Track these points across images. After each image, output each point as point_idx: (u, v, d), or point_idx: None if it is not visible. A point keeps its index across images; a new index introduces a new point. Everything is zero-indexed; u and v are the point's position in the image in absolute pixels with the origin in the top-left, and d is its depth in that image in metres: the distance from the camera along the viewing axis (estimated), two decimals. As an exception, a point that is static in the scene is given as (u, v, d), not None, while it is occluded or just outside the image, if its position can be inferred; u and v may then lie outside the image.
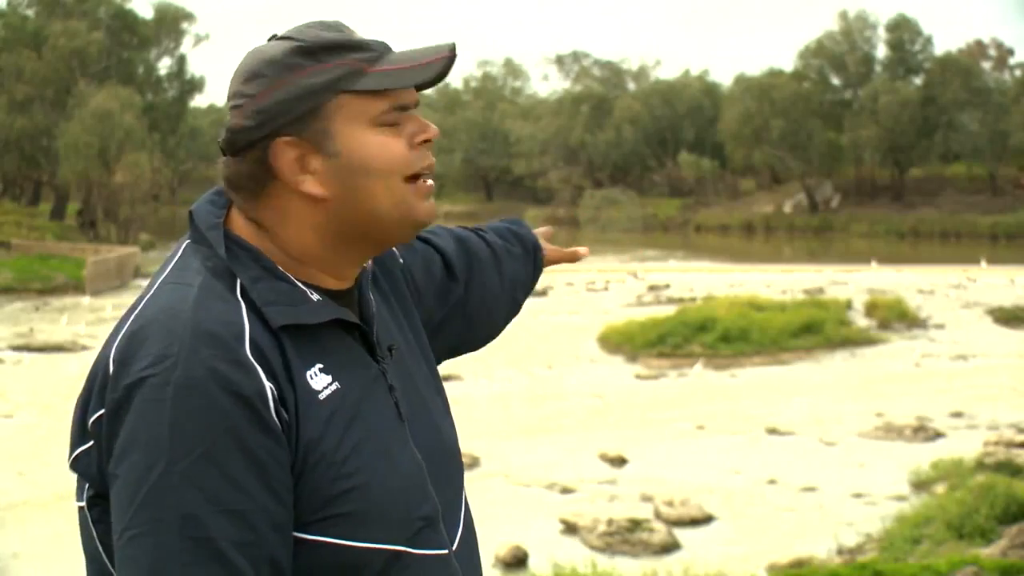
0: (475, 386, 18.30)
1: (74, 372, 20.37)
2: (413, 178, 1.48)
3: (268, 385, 1.36)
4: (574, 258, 2.19)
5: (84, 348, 23.16)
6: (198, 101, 65.45)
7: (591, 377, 20.23)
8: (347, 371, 1.45)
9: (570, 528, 11.44)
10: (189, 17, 55.90)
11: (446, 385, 1.73)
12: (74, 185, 48.60)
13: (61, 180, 48.79)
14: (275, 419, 1.36)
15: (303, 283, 1.47)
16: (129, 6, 53.27)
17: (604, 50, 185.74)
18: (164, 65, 56.27)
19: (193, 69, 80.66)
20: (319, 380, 1.42)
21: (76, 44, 48.40)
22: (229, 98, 1.49)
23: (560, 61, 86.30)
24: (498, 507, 11.65)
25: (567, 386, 19.32)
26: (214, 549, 1.31)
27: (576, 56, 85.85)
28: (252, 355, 1.36)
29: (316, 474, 1.38)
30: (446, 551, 1.49)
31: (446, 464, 1.56)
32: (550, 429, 15.88)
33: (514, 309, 2.00)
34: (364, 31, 1.54)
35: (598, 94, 76.79)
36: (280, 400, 1.37)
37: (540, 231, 2.15)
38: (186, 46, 55.98)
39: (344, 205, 1.46)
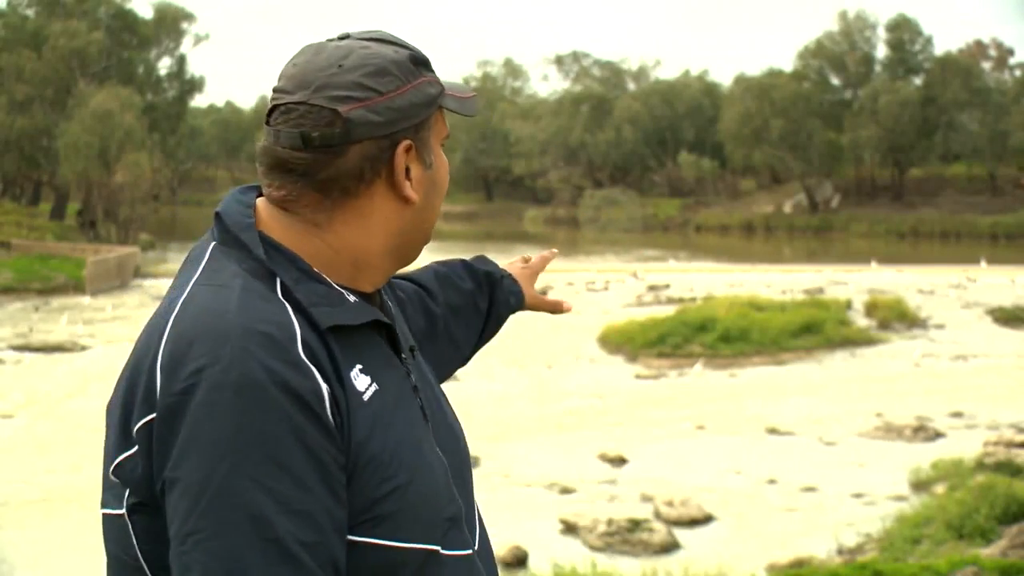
0: (475, 386, 18.29)
1: (74, 372, 20.37)
2: None
3: (324, 386, 1.35)
4: (557, 309, 2.13)
5: (84, 348, 23.16)
6: (198, 101, 65.50)
7: (591, 377, 20.23)
8: (382, 371, 1.46)
9: (570, 528, 11.44)
10: (189, 17, 55.91)
11: (445, 385, 1.74)
12: (74, 185, 48.59)
13: (61, 180, 48.79)
14: (331, 420, 1.35)
15: (339, 285, 1.47)
16: (129, 6, 53.27)
17: (604, 50, 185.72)
18: (164, 65, 56.31)
19: (193, 69, 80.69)
20: (361, 381, 1.42)
21: (76, 44, 48.39)
22: (334, 87, 1.43)
23: (560, 61, 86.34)
24: (498, 507, 11.65)
25: (567, 386, 19.32)
26: (284, 550, 1.30)
27: (576, 56, 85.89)
28: (305, 356, 1.35)
29: (365, 475, 1.37)
30: (470, 551, 1.50)
31: (463, 466, 1.57)
32: (550, 429, 15.88)
33: (451, 346, 1.97)
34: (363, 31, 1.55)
35: (598, 94, 76.81)
36: (333, 401, 1.36)
37: (532, 261, 2.15)
38: (186, 46, 56.03)
39: (420, 215, 1.51)
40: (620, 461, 14.08)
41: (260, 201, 1.50)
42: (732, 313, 23.58)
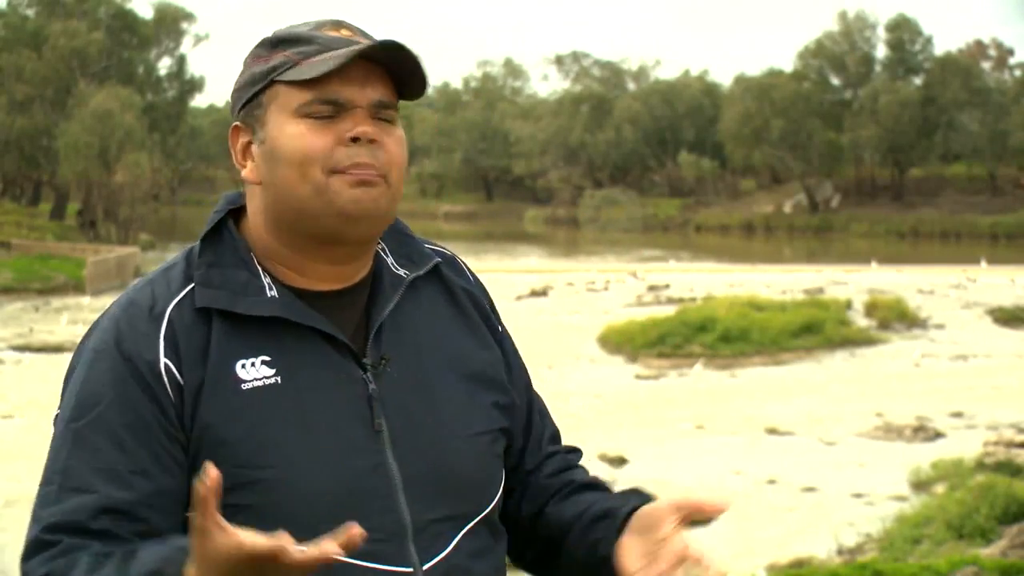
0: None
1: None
2: (341, 172, 1.46)
3: (164, 361, 1.43)
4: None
5: (84, 348, 23.17)
6: (198, 101, 65.64)
7: (591, 377, 20.22)
8: (302, 371, 1.46)
9: (570, 528, 11.42)
10: (189, 17, 55.92)
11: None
12: (74, 185, 48.59)
13: (61, 180, 48.80)
14: (167, 393, 1.42)
15: (279, 280, 1.50)
16: (129, 6, 53.29)
17: (604, 50, 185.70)
18: (164, 65, 56.33)
19: (193, 69, 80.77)
20: (253, 371, 1.44)
21: (76, 44, 48.40)
22: None
23: (560, 61, 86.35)
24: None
25: (567, 386, 19.30)
26: (83, 504, 1.39)
27: (576, 56, 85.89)
28: (164, 330, 1.44)
29: (215, 457, 1.35)
30: (408, 569, 1.46)
31: (444, 485, 1.51)
32: (550, 429, 15.86)
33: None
34: (355, 24, 1.56)
35: (598, 94, 76.81)
36: (178, 377, 1.43)
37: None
38: (186, 46, 56.06)
39: (270, 192, 1.50)
40: (620, 461, 14.07)
41: None
42: (732, 313, 23.57)
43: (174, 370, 1.42)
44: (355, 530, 1.23)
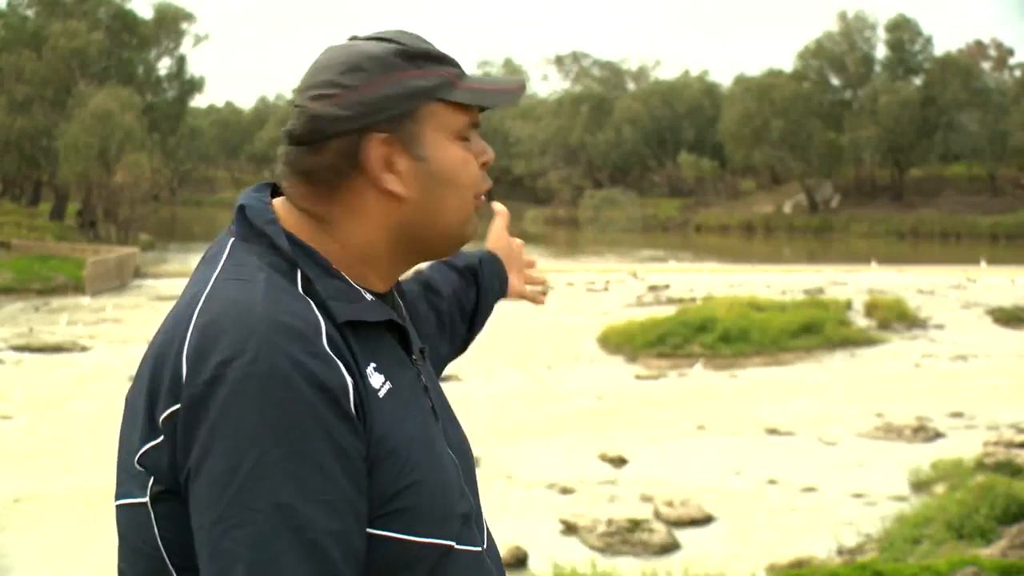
0: (475, 386, 18.29)
1: (74, 373, 20.37)
2: (478, 197, 1.54)
3: (348, 379, 1.38)
4: (534, 301, 2.24)
5: (84, 348, 23.15)
6: (198, 101, 65.53)
7: (591, 377, 20.23)
8: (395, 371, 1.48)
9: (570, 528, 11.43)
10: (189, 17, 55.89)
11: (446, 385, 1.76)
12: (74, 185, 48.59)
13: (61, 180, 48.78)
14: (354, 412, 1.38)
15: (358, 284, 1.51)
16: (129, 6, 53.27)
17: (604, 50, 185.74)
18: (164, 65, 56.29)
19: (193, 69, 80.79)
20: (376, 378, 1.44)
21: (76, 44, 48.40)
22: (314, 87, 1.49)
23: (560, 61, 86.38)
24: (498, 507, 11.65)
25: (567, 386, 19.31)
26: (310, 539, 1.32)
27: (576, 56, 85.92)
28: (331, 349, 1.38)
29: (384, 468, 1.39)
30: (480, 548, 1.53)
31: (470, 464, 1.60)
32: (550, 429, 15.87)
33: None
34: (361, 32, 1.56)
35: (598, 94, 76.83)
36: (357, 394, 1.39)
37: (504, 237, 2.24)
38: (186, 46, 56.00)
39: (419, 209, 1.50)
40: (620, 461, 14.08)
41: (277, 200, 1.54)
42: (732, 313, 23.58)
43: (354, 387, 1.39)
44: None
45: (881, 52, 66.68)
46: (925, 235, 57.58)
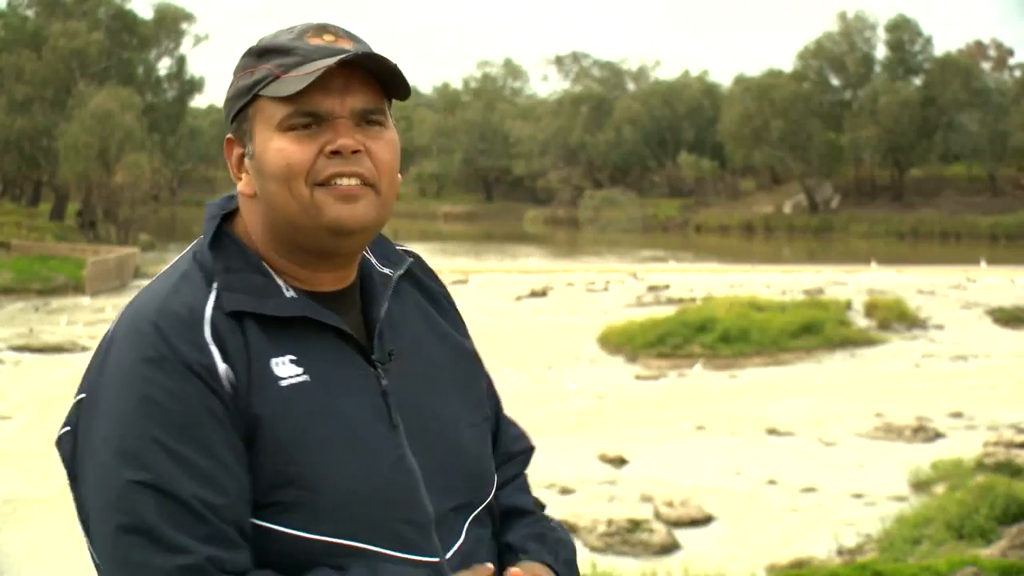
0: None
1: (74, 373, 20.37)
2: (325, 184, 1.48)
3: (222, 365, 1.43)
4: None
5: (84, 349, 23.13)
6: (198, 101, 65.48)
7: (591, 377, 20.22)
8: (324, 367, 1.49)
9: (570, 528, 11.42)
10: (189, 17, 55.89)
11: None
12: (74, 185, 48.58)
13: (61, 180, 48.78)
14: (229, 394, 1.43)
15: (288, 283, 1.52)
16: (129, 6, 53.27)
17: (604, 50, 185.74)
18: (164, 65, 56.30)
19: (193, 69, 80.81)
20: (285, 369, 1.47)
21: (76, 44, 48.39)
22: None
23: (560, 62, 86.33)
24: (498, 507, 11.63)
25: (567, 386, 19.30)
26: (190, 509, 1.38)
27: (576, 56, 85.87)
28: (211, 336, 1.44)
29: (265, 453, 1.43)
30: (436, 559, 1.50)
31: (457, 475, 1.57)
32: (550, 429, 15.86)
33: None
34: (363, 32, 1.56)
35: (598, 94, 76.81)
36: (233, 378, 1.44)
37: None
38: (186, 46, 56.00)
39: (264, 205, 1.51)
40: (620, 461, 14.07)
41: None
42: (732, 313, 23.57)
43: (230, 371, 1.44)
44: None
45: (881, 52, 66.68)
46: (925, 235, 57.56)
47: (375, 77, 1.50)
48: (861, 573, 7.68)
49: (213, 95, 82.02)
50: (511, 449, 1.76)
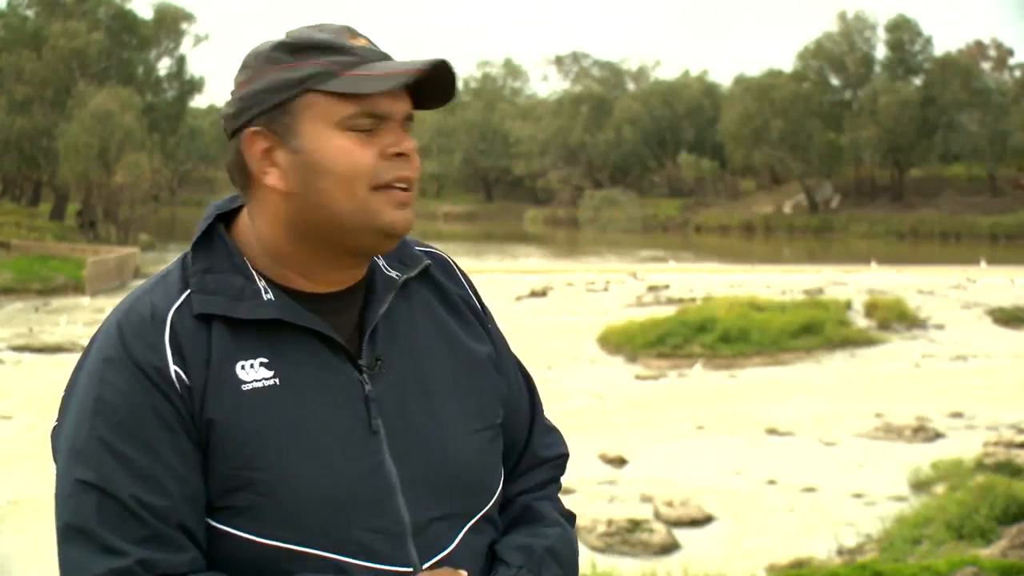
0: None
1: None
2: (384, 187, 1.48)
3: (173, 367, 1.44)
4: None
5: (83, 349, 23.15)
6: (198, 101, 65.52)
7: (591, 377, 20.22)
8: (299, 372, 1.47)
9: (570, 528, 11.42)
10: (189, 17, 55.91)
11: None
12: (74, 185, 48.58)
13: (61, 180, 48.79)
14: (180, 396, 1.43)
15: (275, 283, 1.50)
16: (129, 6, 53.28)
17: (604, 50, 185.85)
18: (164, 65, 56.31)
19: (193, 69, 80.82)
20: (252, 372, 1.46)
21: (76, 44, 48.39)
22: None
23: (560, 62, 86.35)
24: (498, 507, 11.62)
25: (567, 386, 19.30)
26: (128, 510, 1.39)
27: (576, 57, 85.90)
28: (169, 338, 1.45)
29: (219, 455, 1.43)
30: (407, 568, 1.47)
31: (445, 484, 1.53)
32: (550, 429, 15.85)
33: None
34: (362, 31, 1.56)
35: (598, 95, 76.81)
36: (186, 380, 1.44)
37: None
38: (186, 46, 56.03)
39: (304, 203, 1.48)
40: (620, 461, 14.07)
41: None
42: (732, 313, 23.57)
43: (182, 374, 1.44)
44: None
45: (881, 52, 66.69)
46: (925, 235, 57.56)
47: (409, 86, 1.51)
48: (861, 573, 7.68)
49: (213, 95, 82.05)
50: (541, 454, 1.72)
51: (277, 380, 1.46)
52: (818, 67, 66.58)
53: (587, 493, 12.76)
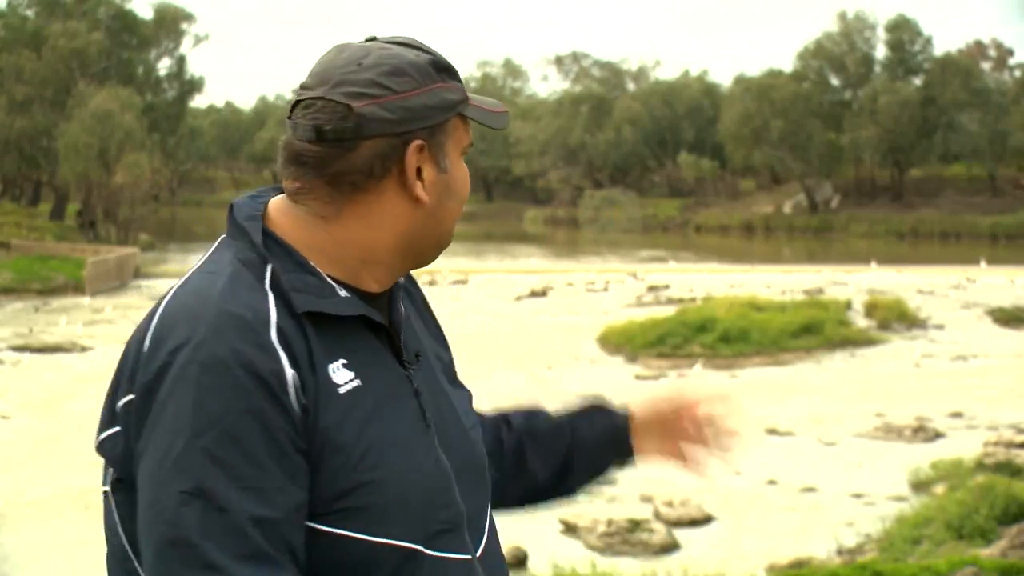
0: (475, 387, 18.22)
1: (73, 373, 20.37)
2: None
3: (290, 371, 1.39)
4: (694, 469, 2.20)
5: (84, 348, 23.15)
6: (198, 101, 65.59)
7: (591, 377, 20.21)
8: (371, 370, 1.48)
9: (570, 528, 11.43)
10: (189, 17, 55.92)
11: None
12: (74, 185, 48.60)
13: (61, 180, 48.80)
14: (294, 404, 1.39)
15: (338, 281, 1.49)
16: (129, 6, 53.30)
17: (604, 50, 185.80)
18: (164, 65, 56.33)
19: (193, 69, 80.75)
20: (341, 374, 1.44)
21: (76, 44, 48.41)
22: (350, 84, 1.46)
23: (560, 62, 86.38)
24: (498, 507, 11.62)
25: (567, 386, 19.30)
26: (233, 524, 1.34)
27: (576, 56, 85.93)
28: (277, 340, 1.40)
29: (333, 464, 1.40)
30: (469, 556, 1.52)
31: (476, 474, 1.59)
32: (550, 429, 15.85)
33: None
34: (361, 32, 1.57)
35: (598, 94, 76.84)
36: (301, 386, 1.40)
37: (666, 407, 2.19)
38: (186, 46, 56.04)
39: (431, 218, 1.53)
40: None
41: (275, 199, 1.54)
42: (732, 313, 23.57)
43: (299, 379, 1.40)
44: None
45: (881, 52, 66.70)
46: (925, 235, 57.58)
47: None
48: (861, 573, 7.67)
49: (213, 95, 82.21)
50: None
51: (360, 381, 1.46)
52: (818, 67, 66.59)
53: (587, 493, 12.76)
